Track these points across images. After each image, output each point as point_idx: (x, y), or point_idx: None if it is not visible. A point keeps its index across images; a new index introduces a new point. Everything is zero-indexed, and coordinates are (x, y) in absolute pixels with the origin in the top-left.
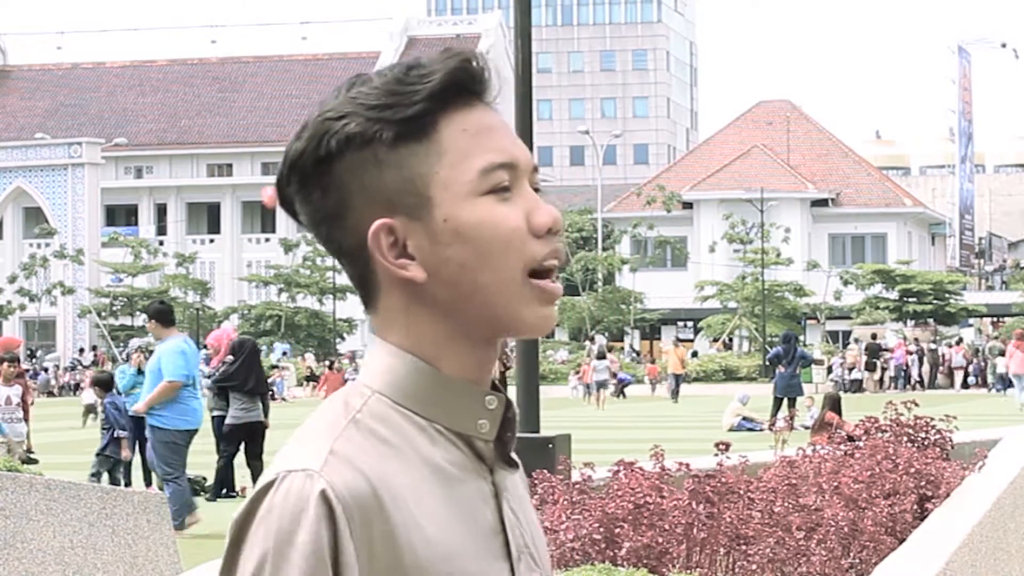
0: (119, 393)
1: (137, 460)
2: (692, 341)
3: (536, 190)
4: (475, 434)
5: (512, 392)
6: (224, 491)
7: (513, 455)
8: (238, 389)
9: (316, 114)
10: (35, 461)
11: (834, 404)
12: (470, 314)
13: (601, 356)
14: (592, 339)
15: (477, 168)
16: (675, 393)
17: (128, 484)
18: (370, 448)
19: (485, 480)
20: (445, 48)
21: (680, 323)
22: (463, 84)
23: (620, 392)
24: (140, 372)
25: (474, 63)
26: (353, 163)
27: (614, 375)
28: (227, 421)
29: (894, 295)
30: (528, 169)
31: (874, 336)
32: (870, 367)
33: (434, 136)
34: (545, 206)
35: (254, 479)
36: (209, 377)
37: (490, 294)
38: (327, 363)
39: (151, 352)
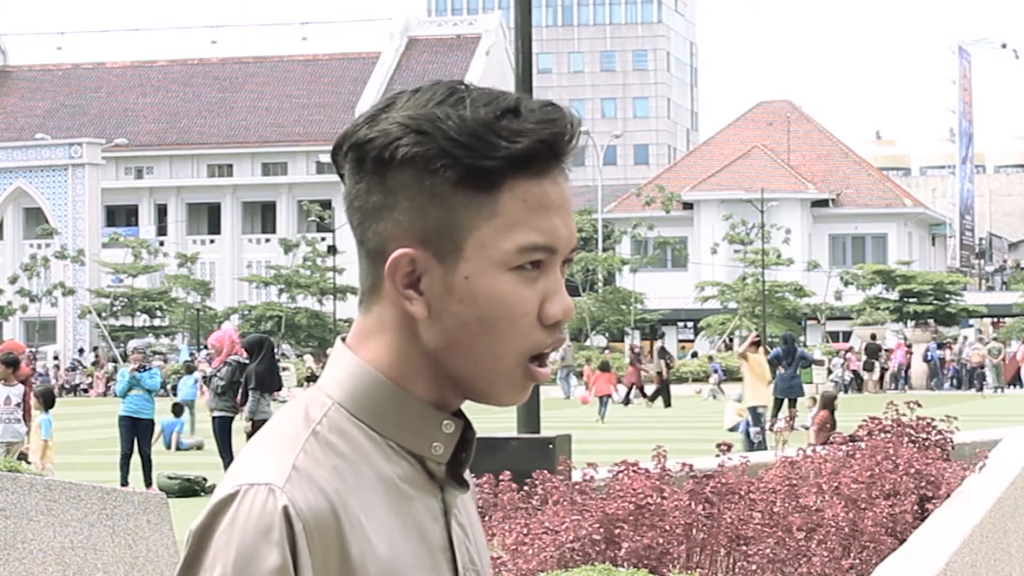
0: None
1: (136, 460)
2: (692, 341)
3: (568, 261)
4: (428, 456)
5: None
6: None
7: (466, 476)
8: (264, 389)
9: (400, 107)
10: (29, 463)
11: (827, 403)
12: (451, 365)
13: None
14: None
15: (518, 243)
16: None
17: (126, 484)
18: (328, 464)
19: (435, 498)
20: (547, 105)
21: (680, 323)
22: (545, 154)
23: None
24: (140, 370)
25: (565, 137)
26: (409, 181)
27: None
28: (254, 418)
29: (894, 295)
30: (565, 252)
31: (873, 336)
32: (868, 367)
33: (494, 195)
34: (562, 297)
35: None
36: (211, 377)
37: (477, 361)
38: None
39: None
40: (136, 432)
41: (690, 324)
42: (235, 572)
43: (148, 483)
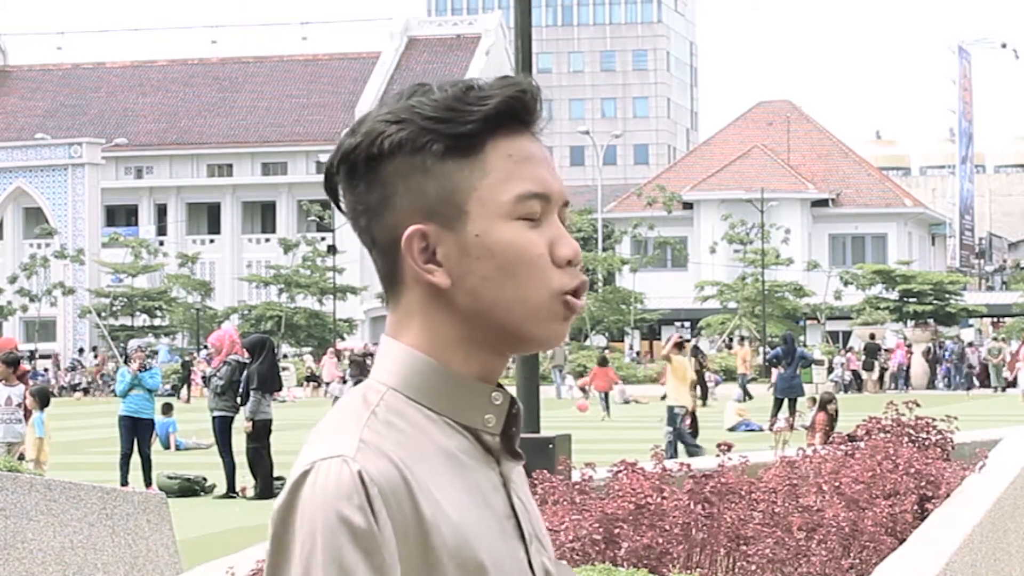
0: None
1: (136, 460)
2: (691, 341)
3: (562, 221)
4: (482, 428)
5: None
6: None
7: (518, 448)
8: (265, 389)
9: (374, 114)
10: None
11: (822, 405)
12: (485, 324)
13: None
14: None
15: (514, 193)
16: (744, 392)
17: (126, 484)
18: (392, 438)
19: (494, 470)
20: (504, 76)
21: (678, 323)
22: (515, 112)
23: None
24: (143, 370)
25: (528, 94)
26: (401, 166)
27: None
28: (254, 418)
29: (894, 295)
30: (560, 202)
31: (872, 336)
32: (868, 367)
33: (480, 156)
34: (568, 239)
35: (254, 475)
36: (211, 377)
37: (508, 309)
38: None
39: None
40: (136, 432)
41: (687, 324)
42: (324, 539)
43: (148, 483)
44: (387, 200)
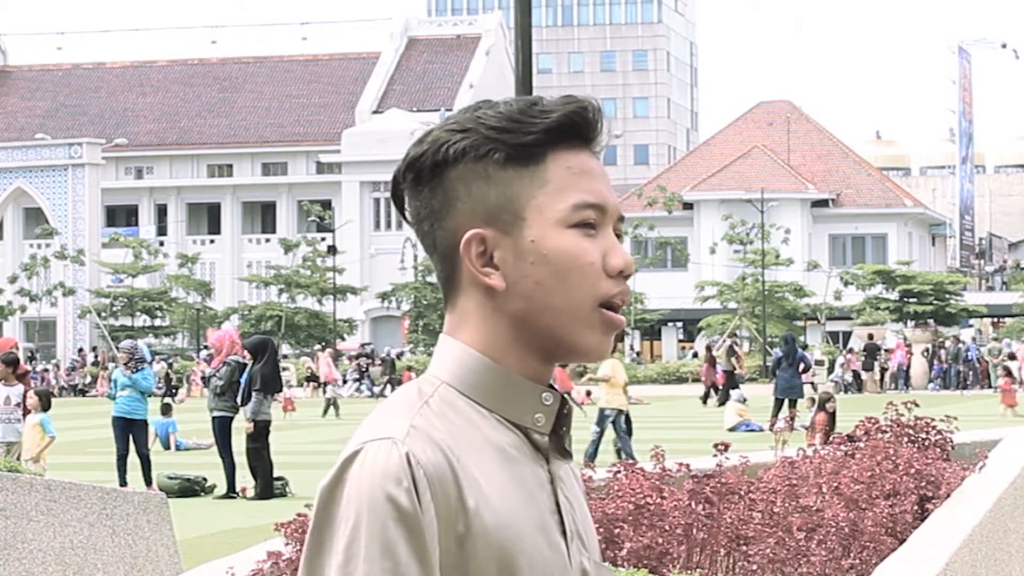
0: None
1: (135, 461)
2: (691, 342)
3: (618, 236)
4: (532, 427)
5: None
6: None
7: (568, 447)
8: (267, 390)
9: (441, 125)
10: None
11: (820, 405)
12: (536, 328)
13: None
14: None
15: (571, 202)
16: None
17: (124, 484)
18: (443, 427)
19: (542, 468)
20: (568, 95)
21: (677, 324)
22: (576, 127)
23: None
24: (135, 371)
25: (590, 112)
26: (465, 173)
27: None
28: (256, 419)
29: (894, 296)
30: (615, 216)
31: (870, 336)
32: (867, 367)
33: (540, 166)
34: (621, 251)
35: (254, 476)
36: (210, 377)
37: (558, 314)
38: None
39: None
40: (131, 432)
41: (683, 324)
42: (369, 517)
43: (148, 483)
44: (450, 205)
